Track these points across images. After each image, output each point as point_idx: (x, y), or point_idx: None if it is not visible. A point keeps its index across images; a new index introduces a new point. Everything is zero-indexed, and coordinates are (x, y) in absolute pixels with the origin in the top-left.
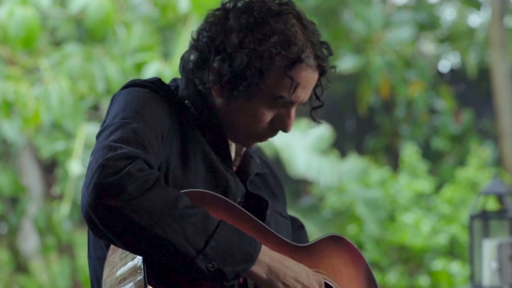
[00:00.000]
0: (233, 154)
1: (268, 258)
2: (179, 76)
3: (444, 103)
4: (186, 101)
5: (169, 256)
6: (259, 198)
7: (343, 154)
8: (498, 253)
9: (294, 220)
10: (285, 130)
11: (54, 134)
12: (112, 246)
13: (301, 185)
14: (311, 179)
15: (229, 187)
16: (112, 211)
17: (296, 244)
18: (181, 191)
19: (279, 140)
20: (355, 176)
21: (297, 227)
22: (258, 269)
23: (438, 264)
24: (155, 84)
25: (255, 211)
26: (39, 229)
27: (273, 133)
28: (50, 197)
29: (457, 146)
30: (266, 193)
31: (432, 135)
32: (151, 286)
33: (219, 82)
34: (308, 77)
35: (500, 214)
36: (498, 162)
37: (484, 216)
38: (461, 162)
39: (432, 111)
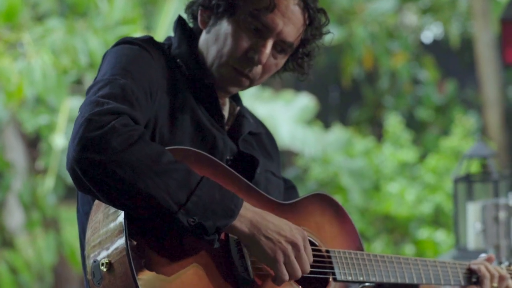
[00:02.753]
0: (226, 114)
1: (250, 213)
2: None
3: (427, 74)
4: (178, 60)
5: (151, 210)
6: (250, 157)
7: (327, 126)
8: (483, 215)
9: (287, 181)
10: (259, 59)
11: (38, 109)
12: (94, 206)
13: (286, 157)
14: (295, 150)
15: (216, 145)
16: (96, 165)
17: (280, 201)
18: (166, 148)
19: (263, 112)
20: (339, 146)
21: (289, 187)
22: (240, 224)
23: (423, 233)
24: (146, 42)
25: (245, 169)
26: (24, 204)
27: (249, 63)
28: (35, 172)
29: (441, 116)
30: (260, 152)
31: (416, 106)
32: (132, 246)
33: (207, 4)
34: (288, 5)
35: (484, 177)
36: (482, 132)
37: (468, 179)
38: (445, 131)
39: (416, 81)
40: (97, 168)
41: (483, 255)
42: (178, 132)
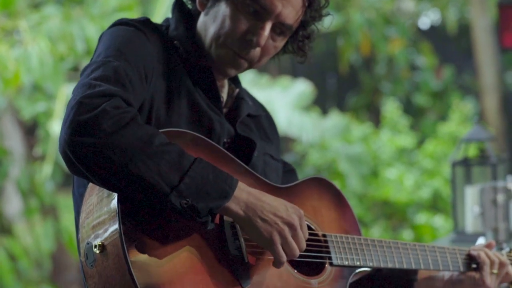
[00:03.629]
0: (224, 96)
1: (245, 194)
2: None
3: (424, 60)
4: (175, 42)
5: (143, 192)
6: (248, 139)
7: (324, 112)
8: (481, 198)
9: (286, 164)
10: (258, 41)
11: (35, 96)
12: (88, 189)
13: (283, 143)
14: (293, 137)
15: (213, 127)
16: (87, 147)
17: (277, 185)
18: (161, 130)
19: (260, 98)
20: (337, 132)
21: (288, 171)
22: (234, 205)
23: (421, 218)
24: (143, 23)
25: (243, 152)
26: (22, 191)
27: (247, 46)
28: (32, 159)
29: (438, 101)
30: (258, 135)
31: (413, 92)
32: (125, 229)
33: None
34: None
35: (482, 160)
36: (480, 117)
37: (466, 163)
38: (443, 117)
39: (413, 67)
40: (89, 151)
41: (481, 239)
42: (175, 115)
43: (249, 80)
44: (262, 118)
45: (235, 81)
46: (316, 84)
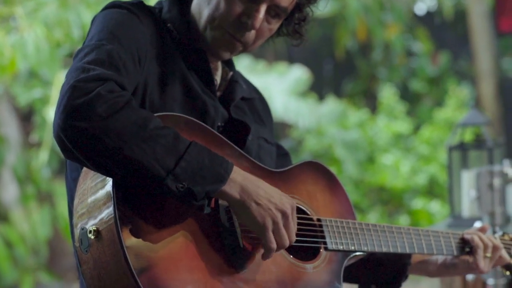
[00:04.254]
0: (218, 79)
1: (241, 178)
2: None
3: (421, 45)
4: (168, 24)
5: (138, 177)
6: (242, 123)
7: (321, 98)
8: (477, 182)
9: (280, 147)
10: (252, 24)
11: (31, 82)
12: (82, 173)
13: (280, 129)
14: (289, 122)
15: (207, 111)
16: (82, 132)
17: (271, 169)
18: (155, 114)
19: (257, 84)
20: (333, 118)
21: (282, 154)
22: (230, 189)
23: (418, 204)
24: (136, 5)
25: (237, 136)
26: (18, 178)
27: (242, 28)
28: (29, 145)
29: (435, 87)
30: (252, 118)
31: (410, 77)
32: (120, 214)
33: None
34: None
35: (478, 144)
36: (476, 103)
37: (462, 147)
38: (439, 103)
39: (409, 53)
40: (83, 136)
41: (477, 223)
42: (168, 99)
43: (245, 66)
44: (255, 101)
45: (228, 64)
46: (313, 70)
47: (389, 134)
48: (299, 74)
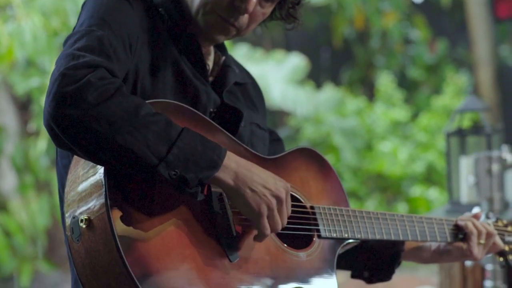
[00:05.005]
0: (210, 64)
1: (235, 164)
2: None
3: (418, 33)
4: (160, 9)
5: (130, 165)
6: (235, 109)
7: (318, 86)
8: (475, 168)
9: (272, 133)
10: (246, 7)
11: (29, 71)
12: (74, 161)
13: (278, 117)
14: (287, 110)
15: (199, 97)
16: (72, 120)
17: (264, 156)
18: (147, 101)
19: (254, 72)
20: (331, 106)
21: (274, 140)
22: (224, 175)
23: (416, 191)
24: None
25: (229, 122)
26: (16, 167)
27: (235, 12)
28: (27, 134)
29: (433, 75)
30: (245, 104)
31: (407, 65)
32: (112, 203)
33: None
34: None
35: (476, 130)
36: (474, 90)
37: (460, 133)
38: (437, 90)
39: (407, 41)
40: (74, 124)
41: (476, 209)
42: (160, 85)
43: (243, 54)
44: (248, 86)
45: (221, 48)
46: (310, 58)
47: (387, 122)
48: (296, 62)
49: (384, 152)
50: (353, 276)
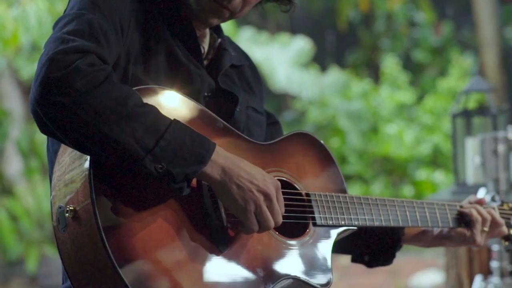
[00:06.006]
0: (206, 47)
1: (223, 159)
2: None
3: (423, 15)
4: None
5: (116, 156)
6: (230, 93)
7: (324, 69)
8: (481, 148)
9: (270, 116)
10: None
11: (34, 55)
12: (62, 148)
13: (283, 100)
14: (292, 93)
15: (193, 81)
16: (58, 107)
17: (259, 142)
18: (135, 88)
19: (259, 55)
20: (336, 89)
21: (272, 123)
22: (211, 170)
23: (422, 174)
24: None
25: (224, 106)
26: (22, 152)
27: None
28: (32, 119)
29: (438, 57)
30: (241, 87)
31: (413, 48)
32: (98, 194)
33: None
34: None
35: (482, 111)
36: (479, 72)
37: (466, 114)
38: (442, 73)
39: (412, 23)
40: (60, 111)
41: (482, 190)
42: (152, 69)
43: (247, 37)
44: (245, 68)
45: (216, 30)
46: (315, 41)
47: (392, 104)
48: (301, 45)
49: (390, 134)
50: (353, 260)
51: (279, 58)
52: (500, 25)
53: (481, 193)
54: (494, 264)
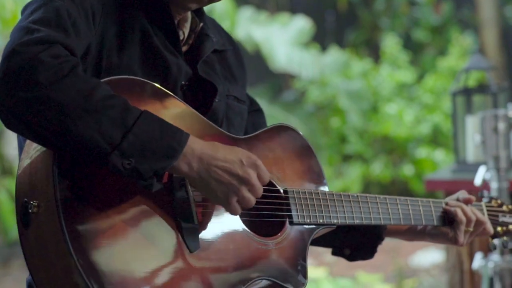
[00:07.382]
0: (186, 32)
1: (197, 151)
2: None
3: None
4: None
5: (82, 152)
6: (209, 83)
7: (324, 49)
8: (482, 126)
9: (252, 103)
10: None
11: None
12: (27, 140)
13: (283, 80)
14: (292, 73)
15: (169, 69)
16: (21, 101)
17: (235, 136)
18: (106, 79)
19: (259, 35)
20: (336, 68)
21: (254, 111)
22: (184, 164)
23: (422, 153)
24: None
25: (203, 95)
26: None
27: None
28: None
29: (438, 36)
30: (222, 74)
31: (413, 27)
32: (61, 190)
33: None
34: None
35: (482, 89)
36: (479, 52)
37: (466, 92)
38: (442, 52)
39: (412, 3)
40: (22, 106)
41: (482, 168)
42: (126, 57)
43: (247, 17)
44: (228, 53)
45: (198, 14)
46: (315, 21)
47: (392, 84)
48: (301, 24)
49: (390, 114)
50: (333, 253)
51: (279, 38)
52: (500, 4)
53: (481, 172)
54: (495, 241)
